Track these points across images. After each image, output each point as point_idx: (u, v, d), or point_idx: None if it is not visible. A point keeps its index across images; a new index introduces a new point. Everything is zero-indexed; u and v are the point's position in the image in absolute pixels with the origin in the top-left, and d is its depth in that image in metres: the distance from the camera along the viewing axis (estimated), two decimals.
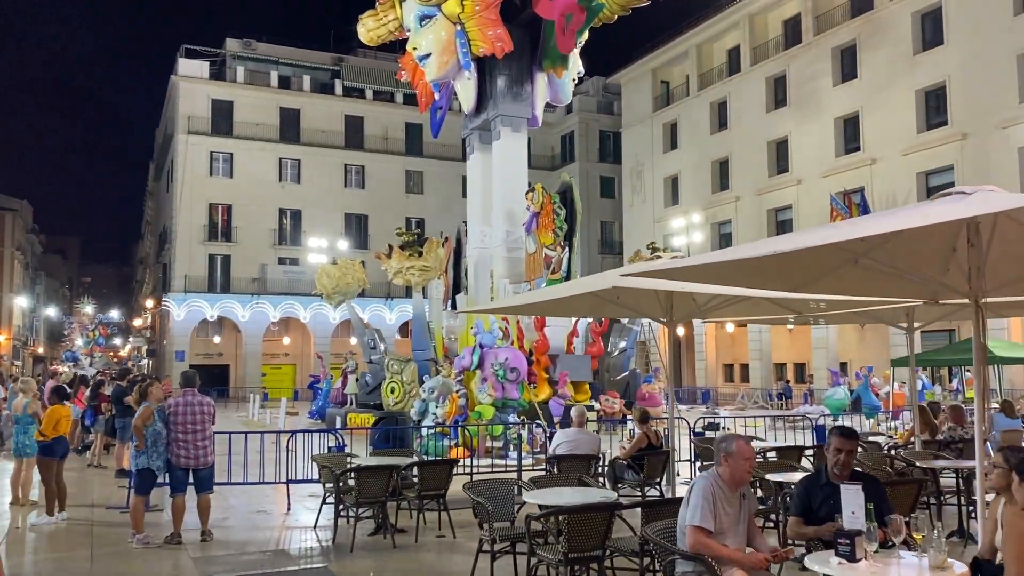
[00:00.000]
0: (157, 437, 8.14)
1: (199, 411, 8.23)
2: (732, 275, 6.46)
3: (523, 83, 26.28)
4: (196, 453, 8.19)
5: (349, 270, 28.57)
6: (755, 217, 40.35)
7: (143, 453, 8.14)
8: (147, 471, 8.13)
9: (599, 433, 18.08)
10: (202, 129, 47.96)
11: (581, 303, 9.29)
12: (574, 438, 8.44)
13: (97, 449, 15.12)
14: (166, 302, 47.35)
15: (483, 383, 15.68)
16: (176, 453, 8.15)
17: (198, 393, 8.33)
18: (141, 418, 8.12)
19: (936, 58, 31.92)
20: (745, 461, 4.27)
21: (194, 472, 8.23)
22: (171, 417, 8.18)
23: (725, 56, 43.87)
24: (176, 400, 8.26)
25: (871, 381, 24.81)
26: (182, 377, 8.42)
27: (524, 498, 6.27)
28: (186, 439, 8.16)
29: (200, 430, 8.24)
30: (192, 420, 8.18)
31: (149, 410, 8.13)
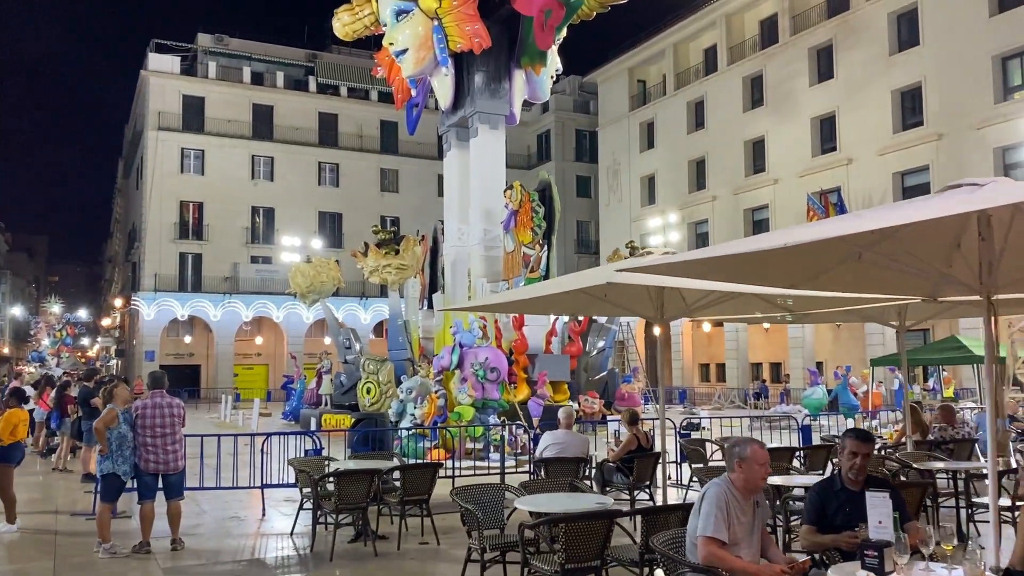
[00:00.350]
0: (123, 441, 7.72)
1: (168, 413, 7.82)
2: (732, 269, 6.21)
3: (501, 80, 25.99)
4: (166, 458, 7.76)
5: (324, 269, 28.09)
6: (732, 217, 40.33)
7: (108, 458, 7.69)
8: (113, 477, 7.70)
9: None
10: (173, 125, 47.13)
11: (570, 301, 9.00)
12: (562, 440, 8.13)
13: (63, 452, 14.59)
14: (135, 301, 46.47)
15: (463, 383, 15.35)
16: (144, 458, 7.73)
17: (167, 395, 7.93)
18: (103, 421, 7.70)
19: (912, 58, 32.03)
20: (760, 467, 3.99)
21: (164, 477, 7.81)
22: (138, 420, 7.77)
23: (702, 55, 43.85)
24: (144, 402, 7.85)
25: (849, 380, 24.68)
26: (150, 378, 8.01)
27: (516, 504, 5.95)
28: (155, 443, 7.73)
29: (170, 433, 7.82)
30: (161, 423, 7.76)
31: (113, 413, 7.71)
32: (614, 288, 8.13)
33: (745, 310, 8.48)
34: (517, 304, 8.69)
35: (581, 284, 6.85)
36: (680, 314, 8.16)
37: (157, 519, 7.96)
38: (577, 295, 8.66)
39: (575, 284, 7.34)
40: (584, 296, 8.83)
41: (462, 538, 8.13)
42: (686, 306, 8.07)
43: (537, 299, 8.59)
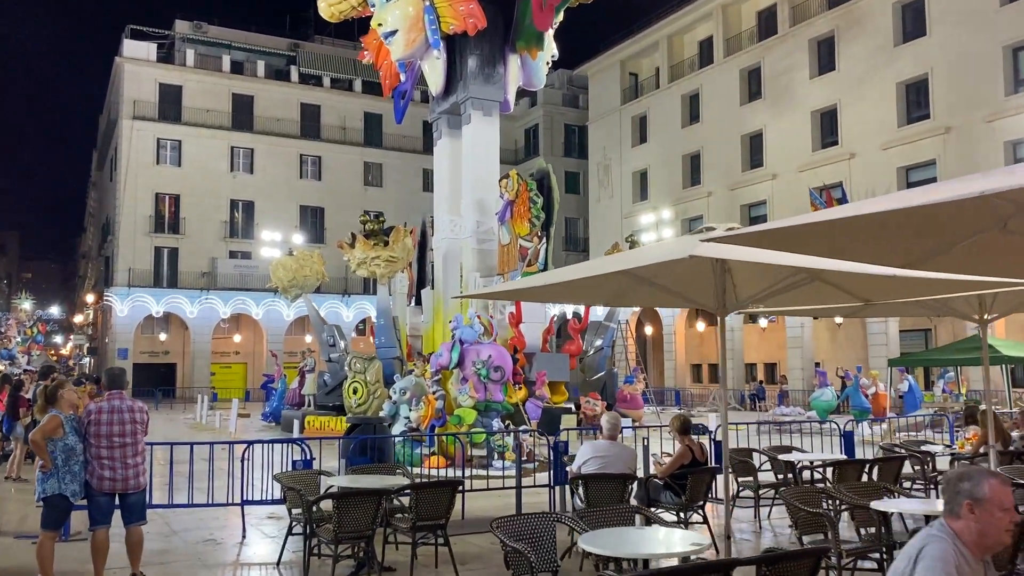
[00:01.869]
0: (70, 454, 6.28)
1: (128, 419, 6.35)
2: (854, 237, 4.93)
3: (495, 64, 24.66)
4: (124, 474, 6.30)
5: (307, 262, 26.64)
6: (727, 212, 39.18)
7: (52, 475, 6.23)
8: (58, 499, 6.27)
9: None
10: (148, 115, 45.37)
11: (606, 286, 7.68)
12: (606, 453, 6.78)
13: (17, 460, 13.08)
14: (108, 297, 44.65)
15: (463, 383, 13.98)
16: (97, 474, 6.27)
17: (127, 397, 6.52)
18: (42, 431, 6.26)
19: (918, 50, 31.01)
20: (1003, 513, 2.63)
21: (121, 498, 6.38)
22: (90, 427, 6.32)
23: (696, 48, 42.72)
24: (98, 405, 6.44)
25: (860, 382, 23.53)
26: (107, 376, 6.57)
27: (580, 545, 4.62)
28: (111, 455, 6.27)
29: (130, 444, 6.34)
30: (119, 431, 6.29)
31: (55, 420, 6.31)
32: (667, 270, 6.83)
33: (816, 300, 7.20)
34: (546, 290, 7.37)
35: (671, 255, 5.52)
36: (743, 305, 6.87)
37: (113, 548, 6.53)
38: (618, 279, 7.34)
39: (665, 255, 6.02)
40: (627, 280, 7.52)
41: (484, 570, 6.78)
42: (754, 294, 6.79)
43: (569, 285, 7.26)
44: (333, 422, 21.17)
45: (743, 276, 6.83)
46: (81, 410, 6.64)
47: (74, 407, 6.49)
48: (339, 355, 25.82)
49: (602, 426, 7.00)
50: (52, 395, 6.43)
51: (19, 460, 13.10)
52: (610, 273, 6.86)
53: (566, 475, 9.56)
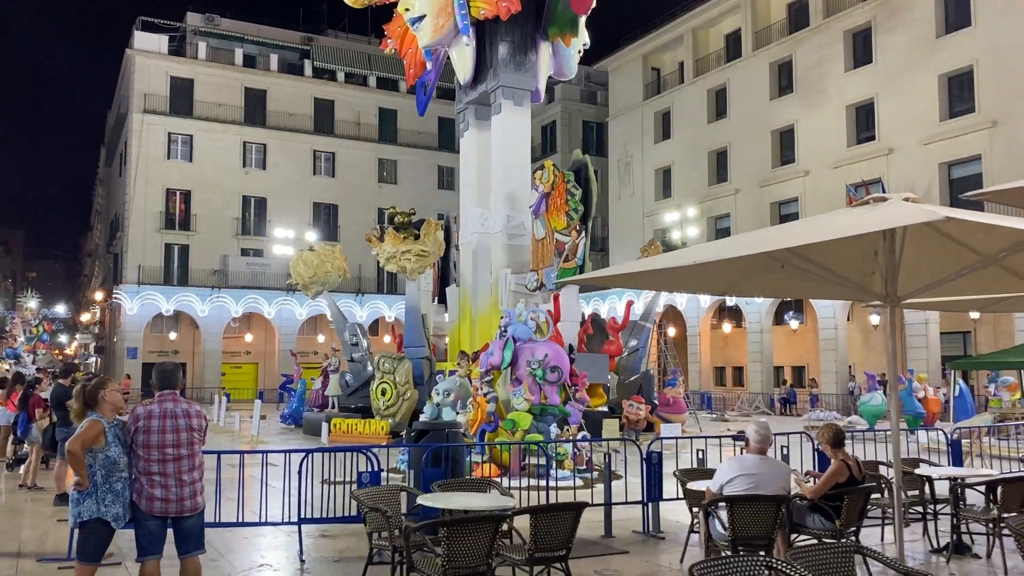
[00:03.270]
0: (112, 469, 5.11)
1: (183, 426, 5.22)
2: None
3: (527, 51, 23.60)
4: (179, 493, 5.13)
5: (328, 258, 25.53)
6: (756, 210, 38.01)
7: (89, 494, 5.07)
8: (97, 524, 5.07)
9: None
10: (159, 108, 44.29)
11: (728, 272, 6.52)
12: (756, 470, 5.61)
13: (33, 466, 11.94)
14: (117, 294, 43.53)
15: (517, 385, 12.83)
16: (147, 494, 5.11)
17: (181, 398, 5.41)
18: (81, 439, 5.07)
19: (962, 41, 29.82)
20: None
21: (175, 522, 5.18)
22: (138, 436, 5.17)
23: (723, 41, 41.56)
24: (147, 409, 5.25)
25: (914, 385, 22.31)
26: (159, 374, 5.37)
27: None
28: (163, 471, 5.11)
29: (185, 456, 5.18)
30: (174, 441, 5.15)
31: (98, 427, 5.11)
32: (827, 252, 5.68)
33: (999, 287, 6.04)
34: (663, 275, 6.23)
35: (859, 228, 4.38)
36: (918, 294, 5.72)
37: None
38: (749, 264, 6.19)
39: (813, 235, 4.87)
40: (754, 266, 6.35)
41: None
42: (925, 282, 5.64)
43: (697, 271, 6.11)
44: (360, 425, 20.03)
45: (919, 259, 5.69)
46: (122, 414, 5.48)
47: (118, 411, 5.33)
48: (362, 355, 24.73)
49: (748, 438, 5.85)
50: (92, 396, 5.27)
51: (35, 466, 11.96)
52: (754, 255, 5.72)
53: (660, 490, 8.41)
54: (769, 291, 7.47)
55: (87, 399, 5.27)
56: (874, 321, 33.06)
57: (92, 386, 5.32)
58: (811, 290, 6.77)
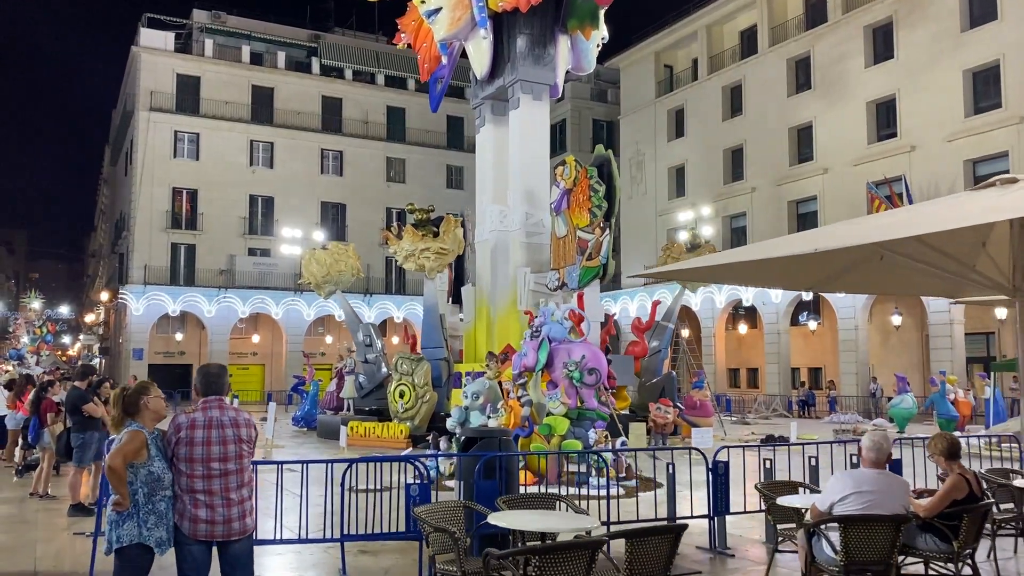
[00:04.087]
0: (156, 487, 4.45)
1: (231, 437, 4.57)
2: None
3: (546, 45, 22.94)
4: (226, 514, 4.49)
5: (342, 257, 24.90)
6: (773, 209, 37.37)
7: (130, 517, 4.41)
8: (138, 550, 4.41)
9: None
10: (165, 106, 43.71)
11: (823, 266, 5.90)
12: (874, 486, 4.94)
13: (44, 473, 11.32)
14: (123, 295, 42.94)
15: (553, 388, 12.20)
16: (190, 514, 4.47)
17: (228, 404, 4.77)
18: (123, 453, 4.40)
19: (987, 35, 29.18)
20: None
21: (221, 547, 4.55)
22: (180, 449, 4.52)
23: (738, 38, 40.93)
24: (190, 418, 4.59)
25: (947, 388, 21.64)
26: (203, 376, 4.73)
27: None
28: (208, 488, 4.48)
29: (233, 471, 4.54)
30: (220, 454, 4.51)
31: (140, 439, 4.47)
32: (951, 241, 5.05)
33: None
34: (752, 268, 5.62)
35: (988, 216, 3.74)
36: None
37: None
38: (859, 254, 5.56)
39: (936, 223, 4.25)
40: (854, 258, 5.73)
41: None
42: None
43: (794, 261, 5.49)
44: (378, 428, 19.42)
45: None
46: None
47: (160, 417, 4.68)
48: (376, 356, 24.12)
49: (862, 448, 5.20)
50: (132, 402, 4.60)
51: (47, 474, 11.34)
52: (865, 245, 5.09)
53: (727, 502, 7.78)
54: (864, 287, 6.84)
55: (127, 406, 4.61)
56: (895, 322, 32.38)
57: (133, 391, 4.66)
58: (913, 284, 6.15)
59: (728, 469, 7.69)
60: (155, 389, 4.73)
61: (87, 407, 9.83)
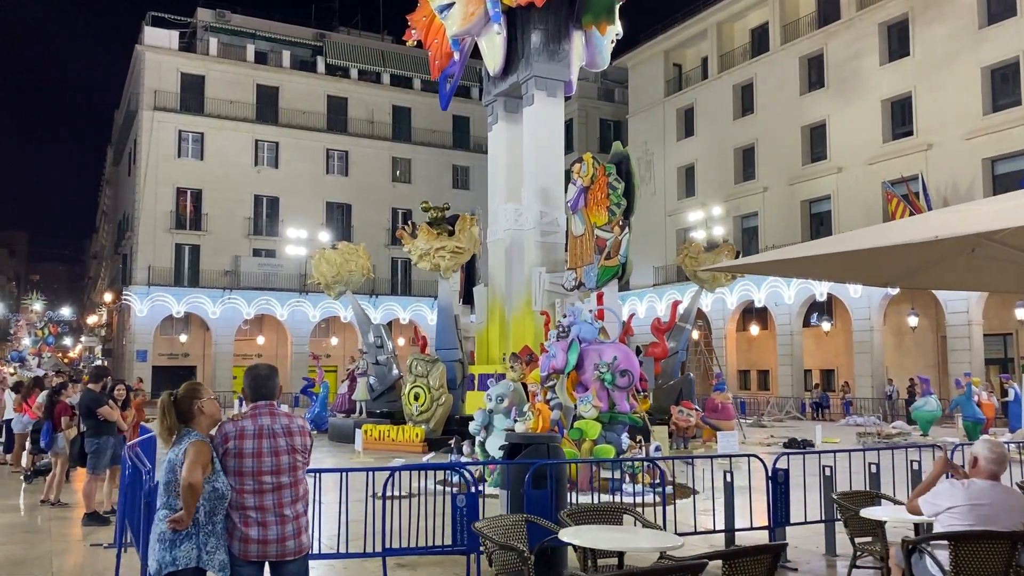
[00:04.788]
0: (217, 505, 4.00)
1: (284, 447, 4.10)
2: None
3: (560, 40, 22.49)
4: (280, 532, 4.01)
5: (352, 256, 24.49)
6: (785, 209, 36.92)
7: (188, 537, 3.93)
8: (193, 574, 3.95)
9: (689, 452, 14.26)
10: (170, 105, 43.26)
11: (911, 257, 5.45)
12: (988, 500, 4.49)
13: (57, 480, 10.86)
14: (127, 296, 42.48)
15: (583, 391, 11.75)
16: (240, 534, 4.01)
17: (280, 410, 4.28)
18: (200, 466, 3.91)
19: (1006, 31, 28.74)
20: None
21: (275, 569, 4.09)
22: (228, 460, 4.07)
23: (748, 36, 40.50)
24: (238, 425, 4.13)
25: (972, 389, 21.15)
26: (252, 379, 4.26)
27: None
28: (260, 504, 4.01)
29: (287, 484, 4.08)
30: (273, 466, 4.05)
31: (209, 449, 4.04)
32: None
33: None
34: (834, 260, 5.17)
35: None
36: None
37: None
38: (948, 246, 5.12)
39: None
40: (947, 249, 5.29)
41: None
42: None
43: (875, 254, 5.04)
44: (393, 432, 18.97)
45: None
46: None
47: (215, 424, 4.20)
48: (387, 357, 23.69)
49: (979, 458, 4.72)
50: (186, 406, 4.11)
51: (59, 480, 10.88)
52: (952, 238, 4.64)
53: (788, 512, 7.32)
54: (950, 283, 6.38)
55: (179, 411, 4.12)
56: (912, 323, 31.93)
57: (184, 395, 4.17)
58: (1005, 280, 5.69)
59: (788, 477, 7.23)
60: (206, 390, 4.26)
61: (102, 410, 9.37)
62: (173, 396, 4.23)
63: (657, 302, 40.90)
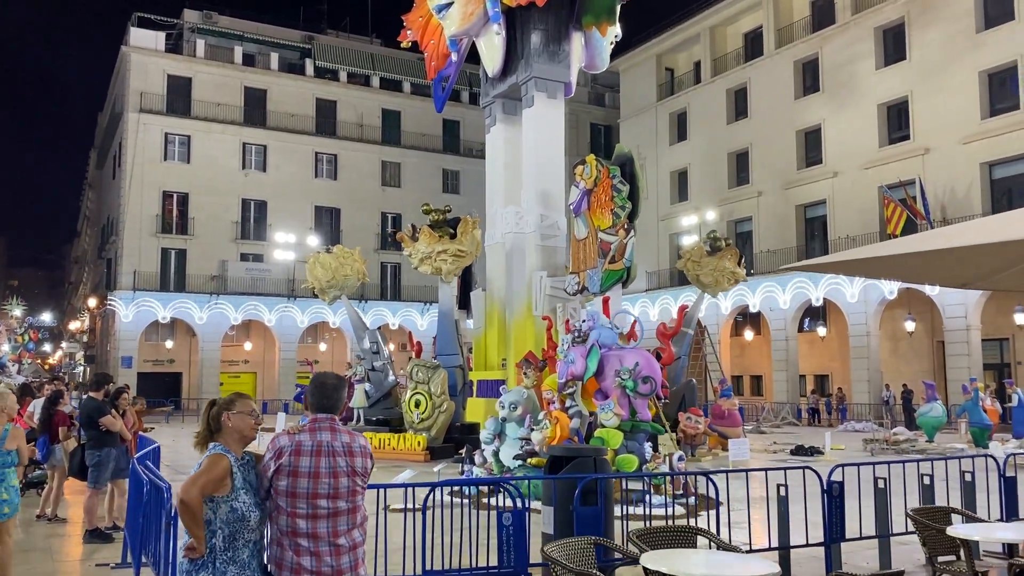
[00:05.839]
0: (239, 528, 3.56)
1: (344, 467, 3.65)
2: None
3: (560, 41, 22.15)
4: (335, 564, 3.56)
5: (347, 260, 23.99)
6: (780, 213, 36.74)
7: (203, 567, 3.52)
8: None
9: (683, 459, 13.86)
10: (156, 107, 42.57)
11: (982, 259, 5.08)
12: None
13: (54, 494, 10.31)
14: (112, 301, 41.67)
15: (603, 398, 11.33)
16: (291, 563, 3.55)
17: (341, 426, 3.81)
18: (201, 484, 3.51)
19: (1004, 35, 28.68)
20: None
21: None
22: (279, 480, 3.60)
23: (742, 40, 40.37)
24: (294, 440, 3.67)
25: (981, 395, 20.91)
26: (317, 389, 3.79)
27: None
28: (313, 531, 3.55)
29: (345, 510, 3.63)
30: (330, 489, 3.60)
31: (224, 465, 3.60)
32: None
33: None
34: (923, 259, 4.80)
35: None
36: None
37: None
38: None
39: None
40: None
41: None
42: None
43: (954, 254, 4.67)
44: (394, 440, 18.47)
45: None
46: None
47: (247, 438, 3.74)
48: (383, 363, 23.21)
49: None
50: (215, 417, 3.67)
51: (56, 494, 10.32)
52: None
53: (843, 528, 6.91)
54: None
55: (211, 422, 3.67)
56: (909, 328, 31.76)
57: (221, 404, 3.71)
58: None
59: (843, 490, 6.83)
60: (243, 403, 3.77)
61: (105, 420, 8.85)
62: (212, 405, 3.78)
63: (650, 307, 40.59)
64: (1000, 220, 4.88)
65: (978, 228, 4.98)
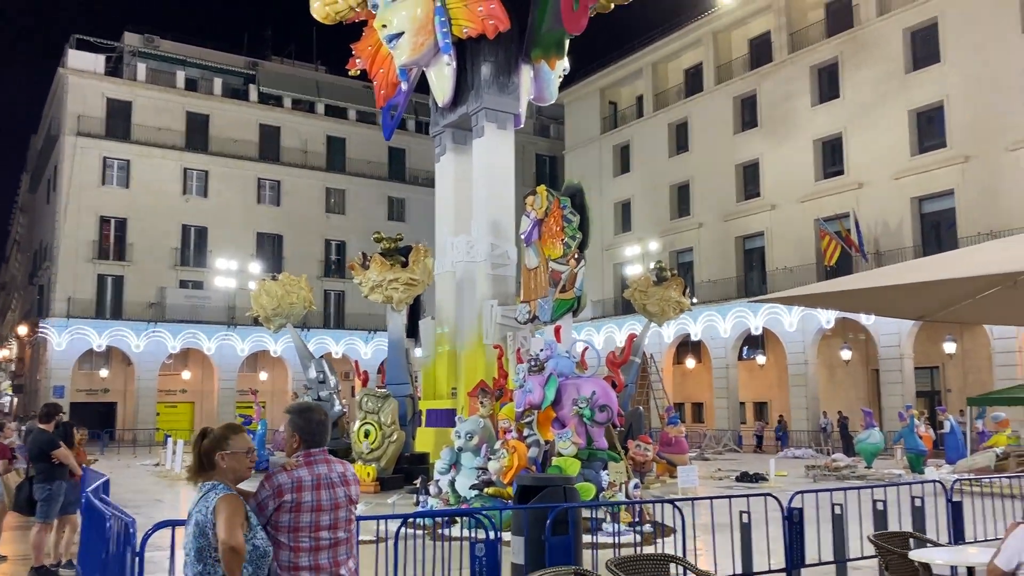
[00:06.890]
0: (260, 565, 3.50)
1: (342, 498, 3.71)
2: None
3: (510, 73, 22.52)
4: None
5: (293, 288, 23.79)
6: (720, 244, 37.59)
7: None
8: None
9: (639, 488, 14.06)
10: (94, 131, 41.65)
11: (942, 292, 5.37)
12: None
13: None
14: (43, 328, 40.37)
15: (560, 427, 11.44)
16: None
17: (332, 457, 3.83)
18: (230, 527, 3.39)
19: (931, 76, 30.02)
20: None
21: None
22: (281, 515, 3.59)
23: (683, 75, 41.43)
24: (294, 476, 3.66)
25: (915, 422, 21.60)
26: (305, 423, 3.75)
27: None
28: (315, 561, 3.58)
29: (343, 539, 3.69)
30: (331, 520, 3.63)
31: (240, 504, 3.55)
32: None
33: None
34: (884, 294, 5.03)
35: None
36: None
37: None
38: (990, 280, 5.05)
39: None
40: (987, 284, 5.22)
41: None
42: None
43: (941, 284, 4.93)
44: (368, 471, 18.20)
45: None
46: None
47: (241, 480, 3.72)
48: (329, 393, 23.03)
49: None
50: (207, 455, 3.65)
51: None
52: None
53: (802, 553, 7.12)
54: (991, 317, 6.31)
55: (203, 459, 3.64)
56: (845, 356, 32.69)
57: (210, 442, 3.65)
58: None
59: (803, 516, 7.05)
60: (239, 439, 3.73)
61: (58, 453, 8.60)
62: (204, 435, 3.73)
63: (596, 335, 40.96)
64: (959, 256, 5.16)
65: (954, 261, 5.25)
